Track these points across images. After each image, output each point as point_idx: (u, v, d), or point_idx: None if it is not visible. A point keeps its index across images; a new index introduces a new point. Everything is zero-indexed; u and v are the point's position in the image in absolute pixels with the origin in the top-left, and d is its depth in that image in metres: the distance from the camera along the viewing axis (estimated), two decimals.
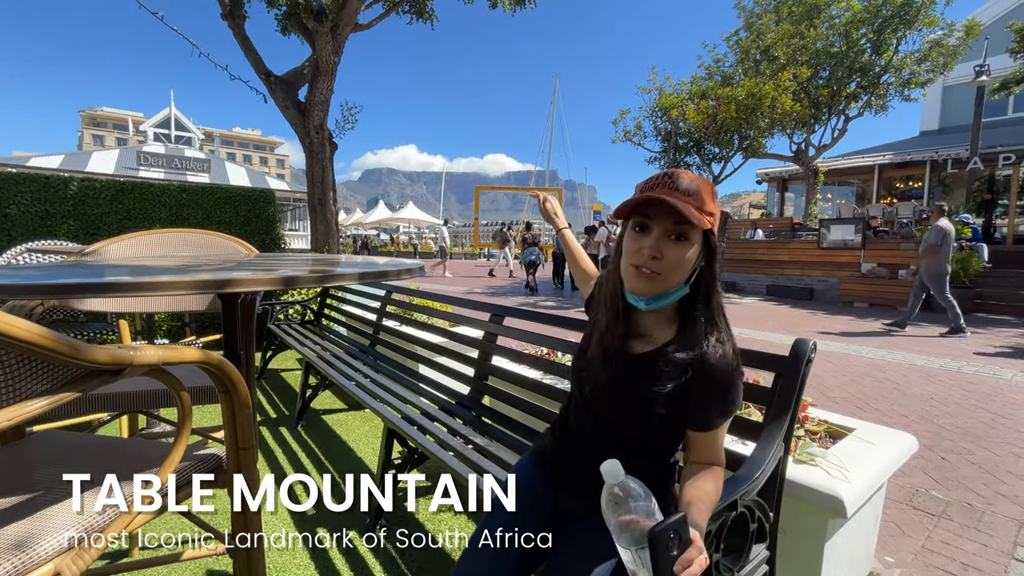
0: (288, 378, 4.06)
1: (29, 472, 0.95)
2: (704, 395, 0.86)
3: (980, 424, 3.14)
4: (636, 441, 0.94)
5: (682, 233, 0.83)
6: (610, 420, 0.95)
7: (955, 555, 1.81)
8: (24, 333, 0.60)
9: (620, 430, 0.94)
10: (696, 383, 0.86)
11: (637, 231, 0.86)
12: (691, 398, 0.87)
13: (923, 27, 12.12)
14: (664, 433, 0.92)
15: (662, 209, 0.82)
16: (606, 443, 0.96)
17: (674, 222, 0.82)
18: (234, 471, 1.01)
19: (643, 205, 0.83)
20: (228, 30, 5.87)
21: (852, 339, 5.97)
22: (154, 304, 1.90)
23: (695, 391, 0.86)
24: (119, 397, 1.38)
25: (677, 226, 0.82)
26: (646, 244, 0.83)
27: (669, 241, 0.83)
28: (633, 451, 0.94)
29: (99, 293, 0.87)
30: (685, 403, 0.87)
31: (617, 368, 0.92)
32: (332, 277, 1.16)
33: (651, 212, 0.83)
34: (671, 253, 0.83)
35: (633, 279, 0.86)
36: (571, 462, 1.01)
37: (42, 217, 4.62)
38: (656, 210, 0.83)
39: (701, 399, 0.86)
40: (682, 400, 0.87)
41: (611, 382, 0.93)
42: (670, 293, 0.86)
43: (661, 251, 0.83)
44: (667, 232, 0.83)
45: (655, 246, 0.83)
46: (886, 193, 16.14)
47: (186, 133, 23.68)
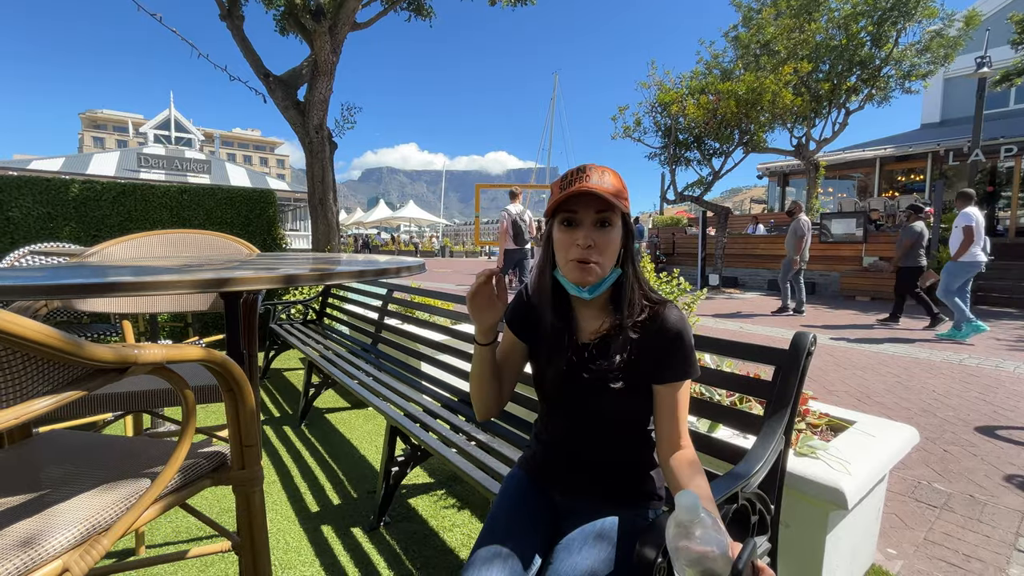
0: (291, 377, 4.07)
1: (36, 471, 0.96)
2: (665, 350, 0.93)
3: (982, 416, 3.14)
4: (611, 422, 0.99)
5: (606, 220, 0.90)
6: (582, 409, 0.99)
7: (957, 547, 1.82)
8: (31, 332, 0.61)
9: (595, 415, 0.99)
10: (653, 342, 0.93)
11: (565, 226, 0.92)
12: (652, 357, 0.93)
13: (923, 18, 12.05)
14: (635, 405, 0.97)
15: (586, 201, 0.89)
16: (585, 431, 1.01)
17: (597, 211, 0.90)
18: (239, 468, 1.02)
19: (569, 200, 0.90)
20: (227, 31, 5.87)
21: (853, 333, 5.97)
22: (157, 304, 1.91)
23: (655, 349, 0.93)
24: (124, 397, 1.39)
25: (600, 214, 0.90)
26: (579, 236, 0.90)
27: (596, 229, 0.90)
28: (610, 431, 0.99)
29: (102, 293, 0.88)
30: (647, 365, 0.94)
31: (574, 361, 0.98)
32: (333, 275, 1.17)
33: (576, 206, 0.90)
34: (601, 239, 0.90)
35: (575, 271, 0.92)
36: (558, 459, 1.04)
37: (44, 220, 4.64)
38: (580, 203, 0.90)
39: (663, 354, 0.93)
40: (644, 363, 0.94)
41: (572, 375, 0.98)
42: (607, 278, 0.93)
43: (593, 239, 0.90)
44: (593, 222, 0.90)
45: (587, 236, 0.90)
46: (887, 186, 16.08)
47: (186, 134, 23.71)
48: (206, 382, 1.51)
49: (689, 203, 12.76)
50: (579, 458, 1.02)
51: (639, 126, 12.04)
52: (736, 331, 6.19)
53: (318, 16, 5.32)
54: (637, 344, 0.94)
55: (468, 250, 28.96)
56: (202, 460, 0.99)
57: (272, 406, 3.36)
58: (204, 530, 1.91)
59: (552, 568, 0.87)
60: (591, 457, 1.01)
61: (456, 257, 26.15)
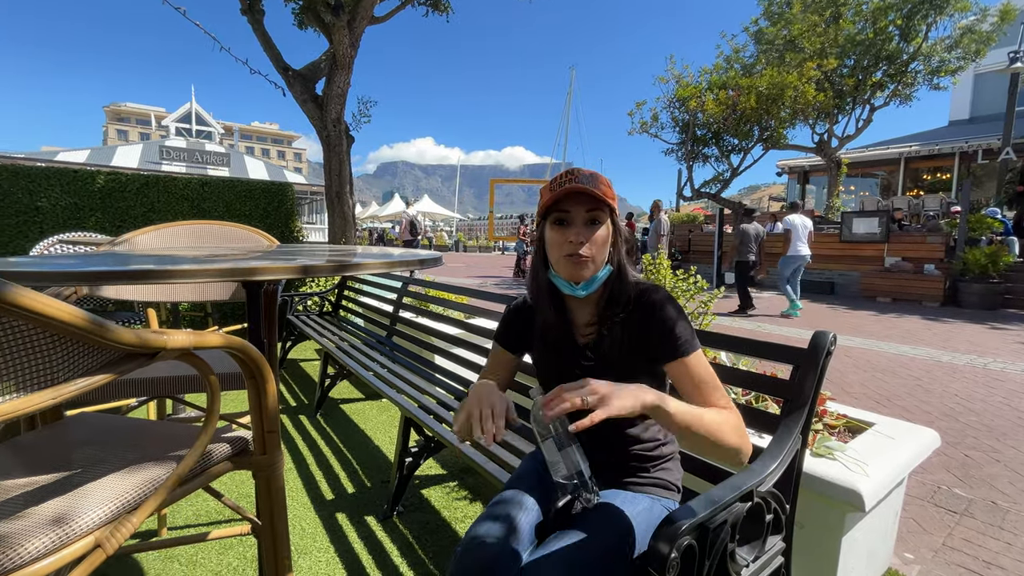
0: (307, 368, 4.14)
1: (68, 451, 1.00)
2: (659, 330, 0.94)
3: (1006, 422, 3.06)
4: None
5: (596, 218, 0.95)
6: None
7: (977, 553, 1.78)
8: (72, 318, 0.63)
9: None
10: (646, 328, 0.96)
11: (558, 225, 0.96)
12: (649, 343, 0.95)
13: (955, 12, 11.66)
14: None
15: (576, 200, 0.94)
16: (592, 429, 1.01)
17: (587, 209, 0.94)
18: (260, 453, 1.04)
19: (560, 200, 0.94)
20: (247, 26, 5.94)
21: (873, 334, 5.85)
22: (180, 293, 1.95)
23: (650, 334, 0.95)
24: (149, 382, 1.43)
25: (590, 212, 0.94)
26: (571, 233, 0.94)
27: (587, 227, 0.95)
28: (616, 426, 1.01)
29: (130, 280, 0.91)
30: (646, 351, 0.96)
31: (573, 361, 1.02)
32: (351, 266, 1.19)
33: (567, 205, 0.95)
34: (592, 236, 0.94)
35: (569, 268, 0.95)
36: None
37: (71, 210, 4.77)
38: (571, 202, 0.94)
39: (658, 335, 0.94)
40: (642, 351, 0.96)
41: (572, 375, 0.99)
42: (598, 275, 0.97)
43: (585, 236, 0.94)
44: (584, 220, 0.95)
45: (579, 233, 0.94)
46: (912, 185, 15.67)
47: (206, 127, 24.09)
48: (226, 370, 1.55)
49: (706, 200, 12.60)
50: (592, 450, 1.02)
51: (656, 121, 11.91)
52: (753, 330, 6.11)
53: (337, 10, 5.36)
54: (631, 335, 0.97)
55: (481, 245, 28.96)
56: (225, 445, 1.02)
57: (288, 396, 3.42)
58: (223, 513, 1.96)
59: (559, 534, 0.88)
60: (603, 449, 1.02)
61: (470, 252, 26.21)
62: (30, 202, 4.59)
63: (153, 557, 1.69)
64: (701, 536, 0.80)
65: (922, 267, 8.78)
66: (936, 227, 9.72)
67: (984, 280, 8.00)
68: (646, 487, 1.01)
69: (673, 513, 0.77)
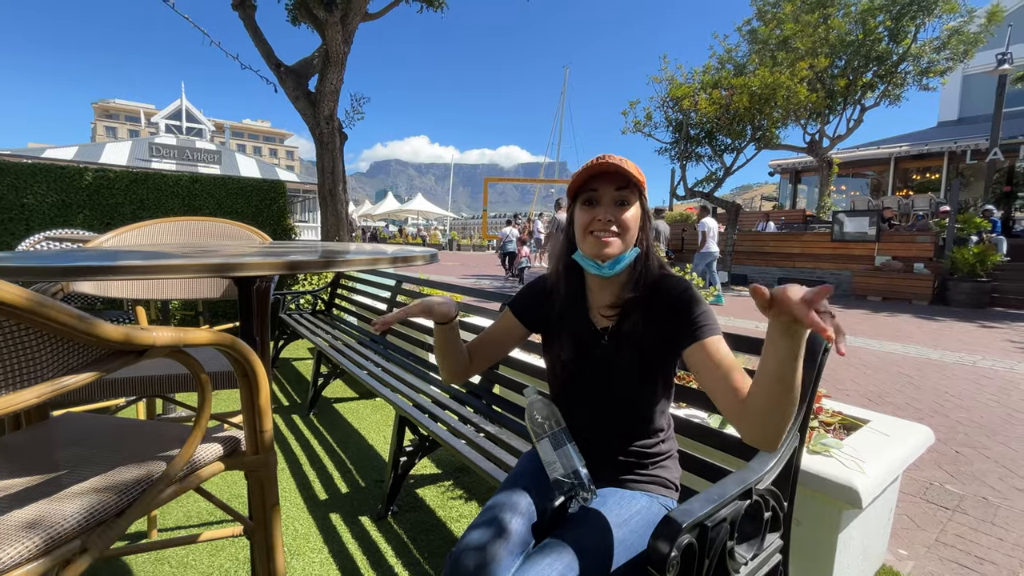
0: (300, 367, 4.10)
1: (53, 452, 0.97)
2: (679, 315, 0.92)
3: (996, 418, 3.10)
4: (625, 405, 1.00)
5: (624, 199, 0.96)
6: (597, 393, 1.01)
7: (969, 548, 1.79)
8: (56, 314, 0.61)
9: (609, 399, 1.00)
10: (666, 314, 0.94)
11: (587, 205, 0.97)
12: (668, 328, 0.93)
13: (943, 14, 11.79)
14: (650, 388, 0.99)
15: (606, 180, 0.95)
16: (600, 416, 1.02)
17: (616, 188, 0.95)
18: (252, 453, 1.02)
19: (589, 180, 0.96)
20: (238, 21, 5.86)
21: (865, 332, 5.90)
22: (170, 290, 1.92)
23: (669, 319, 0.93)
24: (138, 381, 1.40)
25: (620, 192, 0.95)
26: (599, 212, 0.95)
27: (615, 207, 0.95)
28: (625, 415, 1.00)
29: (115, 275, 0.88)
30: (665, 336, 0.94)
31: (590, 345, 1.01)
32: (343, 262, 1.17)
33: (596, 185, 0.96)
34: (620, 215, 0.95)
35: (596, 245, 0.95)
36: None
37: (58, 207, 4.68)
38: (600, 181, 0.95)
39: (679, 320, 0.92)
40: (660, 337, 0.95)
41: (588, 359, 1.01)
42: (625, 255, 0.96)
43: (613, 215, 0.95)
44: (613, 199, 0.95)
45: (607, 211, 0.95)
46: (902, 185, 15.84)
47: (197, 125, 23.79)
48: (218, 368, 1.52)
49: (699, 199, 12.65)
50: (592, 444, 1.01)
51: (650, 120, 11.93)
52: (751, 329, 6.15)
53: (330, 6, 5.30)
54: (651, 320, 0.96)
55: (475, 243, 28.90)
56: (216, 445, 1.00)
57: (281, 395, 3.39)
58: (214, 515, 1.93)
59: (557, 534, 0.87)
60: (604, 443, 1.01)
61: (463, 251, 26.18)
62: (16, 199, 4.50)
63: (143, 559, 1.65)
64: (701, 534, 0.80)
65: (912, 266, 8.88)
66: (925, 226, 9.84)
67: (972, 279, 8.11)
68: (644, 485, 1.00)
69: (673, 512, 0.76)
